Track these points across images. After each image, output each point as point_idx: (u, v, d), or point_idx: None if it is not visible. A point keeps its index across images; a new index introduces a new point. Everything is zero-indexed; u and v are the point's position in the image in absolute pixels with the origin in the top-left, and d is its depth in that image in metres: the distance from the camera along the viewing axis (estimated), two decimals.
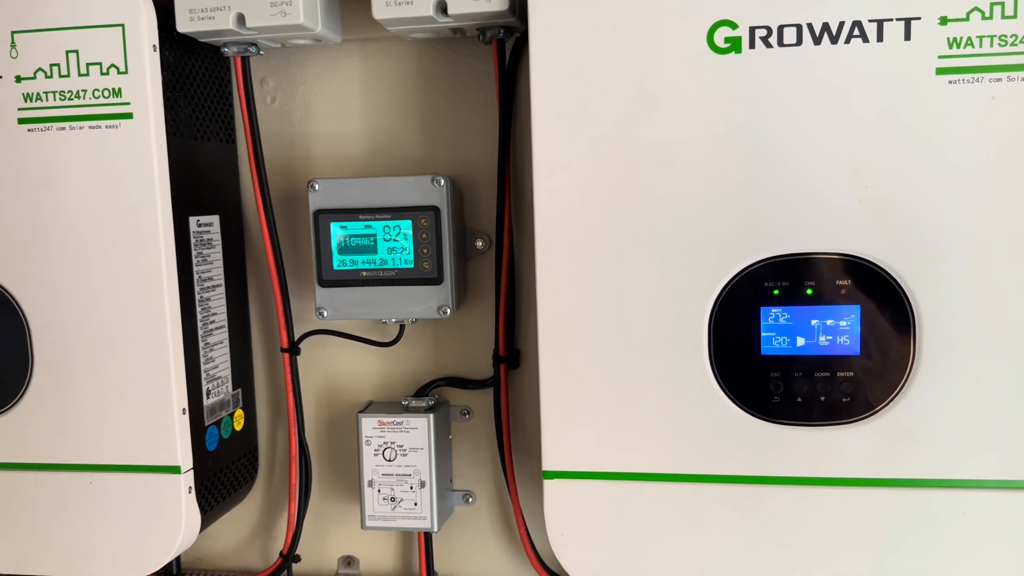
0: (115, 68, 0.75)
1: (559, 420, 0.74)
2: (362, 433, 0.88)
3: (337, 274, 0.85)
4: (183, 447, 0.79)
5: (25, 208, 0.78)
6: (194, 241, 0.83)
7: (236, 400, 0.91)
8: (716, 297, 0.69)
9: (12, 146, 0.77)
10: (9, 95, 0.77)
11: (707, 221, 0.69)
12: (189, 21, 0.77)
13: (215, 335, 0.86)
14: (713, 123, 0.68)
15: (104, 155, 0.76)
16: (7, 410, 0.81)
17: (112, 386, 0.79)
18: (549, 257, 0.72)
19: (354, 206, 0.84)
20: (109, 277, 0.77)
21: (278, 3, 0.75)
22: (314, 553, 0.97)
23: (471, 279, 0.91)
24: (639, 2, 0.68)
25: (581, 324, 0.72)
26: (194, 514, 0.81)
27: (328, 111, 0.91)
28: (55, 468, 0.81)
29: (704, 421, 0.71)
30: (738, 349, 0.70)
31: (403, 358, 0.93)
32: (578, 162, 0.71)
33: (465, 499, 0.93)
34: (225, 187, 0.90)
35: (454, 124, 0.89)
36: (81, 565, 0.83)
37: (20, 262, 0.79)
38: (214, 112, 0.88)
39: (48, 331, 0.79)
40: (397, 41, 0.88)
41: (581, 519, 0.74)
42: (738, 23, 0.67)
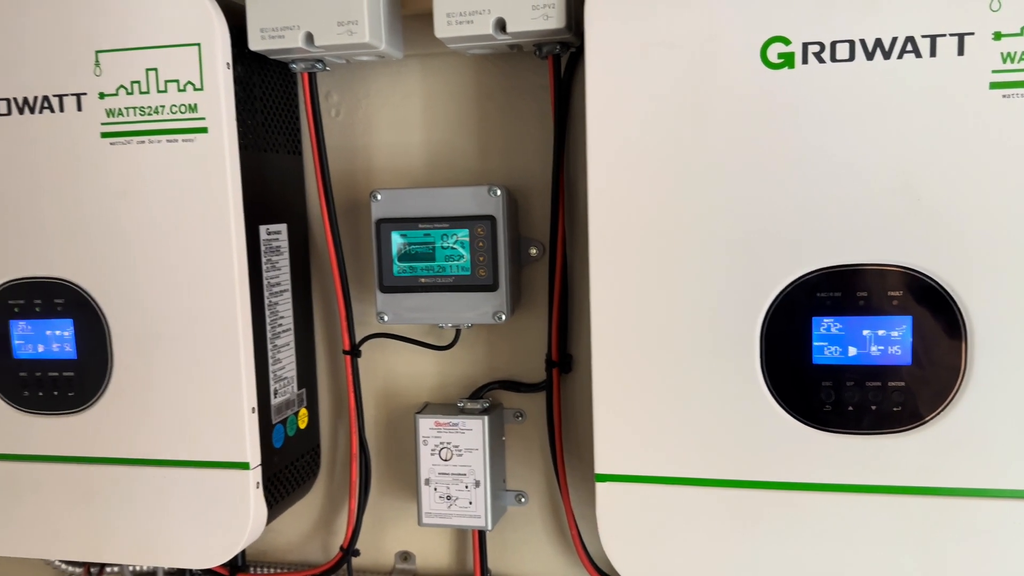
0: (191, 85, 0.79)
1: (611, 424, 0.76)
2: (419, 433, 0.91)
3: (397, 280, 0.88)
4: (252, 444, 0.83)
5: (107, 216, 0.83)
6: (264, 248, 0.87)
7: (301, 399, 0.95)
8: (768, 306, 0.71)
9: (95, 159, 0.82)
10: (93, 111, 0.82)
11: (760, 232, 0.70)
12: (260, 40, 0.81)
13: (282, 337, 0.90)
14: (766, 137, 0.69)
15: (181, 167, 0.80)
16: (88, 407, 0.86)
17: (186, 385, 0.83)
18: (602, 265, 0.74)
19: (414, 215, 0.87)
20: (185, 282, 0.81)
21: (345, 22, 0.79)
22: (372, 548, 1.01)
23: (524, 286, 0.93)
24: (693, 19, 0.70)
25: (634, 330, 0.74)
26: (261, 508, 0.85)
27: (389, 124, 0.94)
28: (132, 462, 0.85)
29: (755, 428, 0.72)
30: (790, 358, 0.72)
31: (459, 361, 0.96)
32: (632, 173, 0.73)
33: (518, 499, 0.96)
34: (291, 197, 0.94)
35: (509, 136, 0.92)
36: (155, 554, 0.87)
37: (102, 267, 0.83)
38: (281, 125, 0.92)
39: (127, 333, 0.84)
40: (455, 57, 0.91)
41: (633, 521, 0.76)
42: (791, 39, 0.69)
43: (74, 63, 0.81)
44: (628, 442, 0.75)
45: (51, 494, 0.88)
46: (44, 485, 0.88)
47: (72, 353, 0.86)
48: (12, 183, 0.84)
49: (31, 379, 0.87)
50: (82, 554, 0.90)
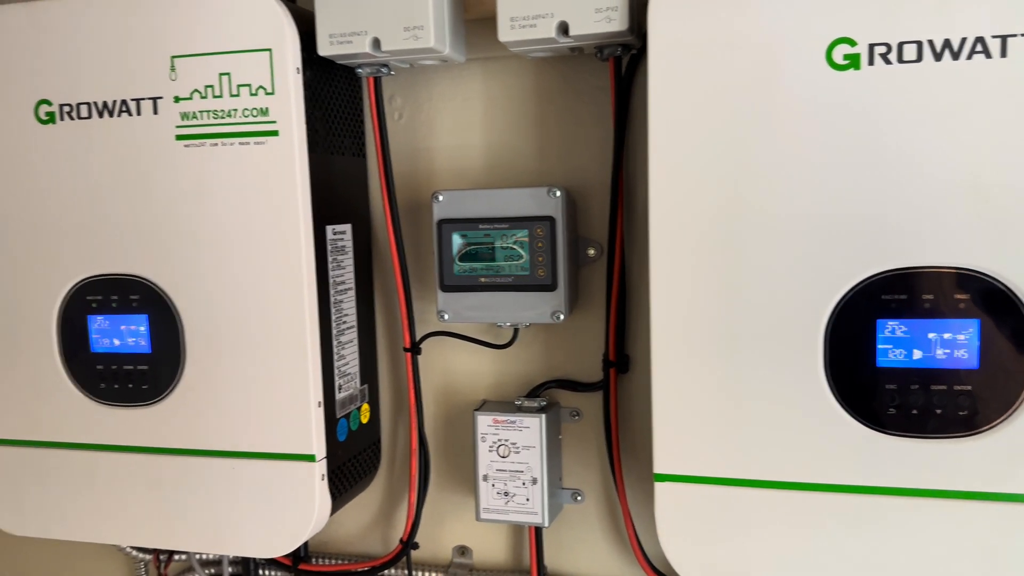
0: (263, 89, 0.82)
1: (671, 424, 0.76)
2: (478, 430, 0.92)
3: (458, 280, 0.89)
4: (318, 437, 0.85)
5: (181, 216, 0.86)
6: (330, 248, 0.89)
7: (363, 395, 0.97)
8: (833, 308, 0.71)
9: (170, 160, 0.85)
10: (168, 114, 0.85)
11: (825, 234, 0.70)
12: (329, 45, 0.83)
13: (346, 334, 0.93)
14: (832, 138, 0.69)
15: (252, 169, 0.83)
16: (161, 399, 0.89)
17: (255, 379, 0.85)
18: (663, 265, 0.75)
19: (474, 216, 0.88)
20: (255, 280, 0.84)
21: (411, 27, 0.81)
22: (430, 541, 1.02)
23: (582, 286, 0.94)
24: (756, 21, 0.70)
25: (694, 330, 0.74)
26: (326, 500, 0.87)
27: (450, 126, 0.96)
28: (202, 454, 0.89)
29: (818, 430, 0.72)
30: (854, 360, 0.71)
31: (516, 360, 0.98)
32: (694, 173, 0.73)
33: (574, 497, 0.97)
34: (355, 198, 0.96)
35: (567, 137, 0.93)
36: (223, 544, 0.90)
37: (176, 265, 0.87)
38: (346, 128, 0.94)
39: (199, 329, 0.87)
40: (516, 60, 0.93)
41: (691, 521, 0.77)
42: (857, 40, 0.68)
43: (151, 68, 0.84)
44: (687, 442, 0.76)
45: (124, 483, 0.92)
46: (118, 474, 0.92)
47: (147, 347, 0.89)
48: (91, 183, 0.88)
49: (107, 372, 0.91)
50: (153, 541, 0.93)
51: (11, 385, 0.94)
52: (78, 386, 0.92)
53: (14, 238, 0.91)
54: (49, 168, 0.89)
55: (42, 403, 0.93)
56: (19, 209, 0.90)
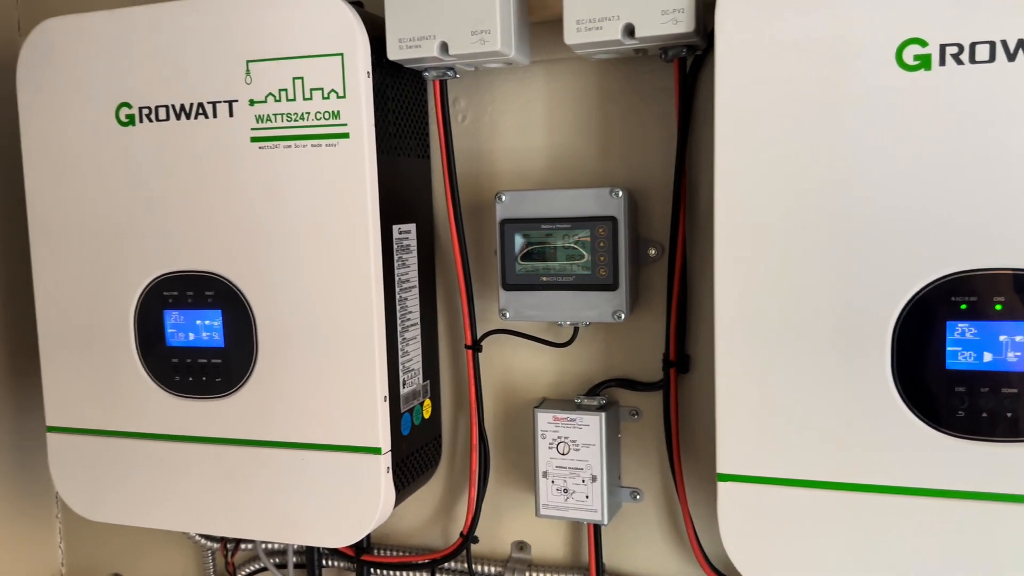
0: (335, 93, 0.84)
1: (734, 424, 0.77)
2: (538, 427, 0.94)
3: (519, 278, 0.91)
4: (384, 430, 0.88)
5: (254, 215, 0.89)
6: (396, 247, 0.91)
7: (425, 391, 0.99)
8: (901, 310, 0.70)
9: (245, 162, 0.88)
10: (244, 117, 0.88)
11: (893, 235, 0.70)
12: (398, 49, 0.86)
13: (410, 331, 0.95)
14: (901, 139, 0.69)
15: (323, 170, 0.85)
16: (234, 392, 0.92)
17: (324, 374, 0.88)
18: (728, 265, 0.75)
19: (537, 216, 0.90)
20: (325, 277, 0.87)
21: (478, 31, 0.83)
22: (490, 536, 1.04)
23: (642, 286, 0.95)
24: (826, 22, 0.70)
25: (759, 330, 0.75)
26: (390, 492, 0.90)
27: (513, 128, 0.98)
28: (272, 445, 0.91)
29: (885, 432, 0.72)
30: (922, 362, 0.71)
31: (576, 359, 0.99)
32: (761, 173, 0.73)
33: (633, 496, 0.97)
34: (420, 198, 0.99)
35: (629, 138, 0.94)
36: (290, 533, 0.93)
37: (249, 262, 0.90)
38: (412, 130, 0.96)
39: (271, 324, 0.90)
40: (579, 61, 0.94)
41: (755, 522, 0.77)
42: (928, 41, 0.68)
43: (227, 72, 0.88)
44: (751, 442, 0.76)
45: (197, 473, 0.95)
46: (190, 464, 0.95)
47: (220, 342, 0.92)
48: (169, 183, 0.91)
49: (182, 365, 0.94)
50: (222, 529, 0.96)
51: (90, 377, 0.98)
52: (154, 379, 0.96)
53: (95, 235, 0.95)
54: (129, 168, 0.93)
55: (119, 395, 0.97)
56: (100, 208, 0.94)
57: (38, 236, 0.97)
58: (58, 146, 0.95)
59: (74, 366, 0.98)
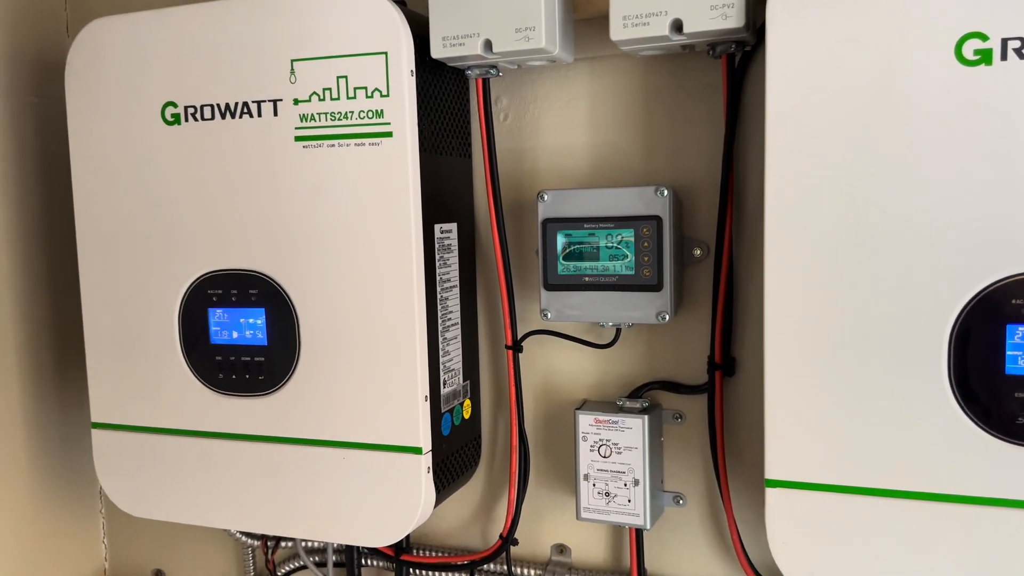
0: (378, 92, 0.84)
1: (784, 429, 0.75)
2: (579, 429, 0.93)
3: (561, 279, 0.90)
4: (424, 430, 0.87)
5: (298, 214, 0.89)
6: (437, 246, 0.91)
7: (465, 391, 0.99)
8: (958, 312, 0.68)
9: (289, 161, 0.88)
10: (288, 116, 0.88)
11: (951, 236, 0.68)
12: (442, 48, 0.85)
13: (451, 331, 0.94)
14: (961, 136, 0.67)
15: (367, 169, 0.85)
16: (276, 390, 0.93)
17: (366, 373, 0.88)
18: (778, 266, 0.74)
19: (579, 215, 0.89)
20: (367, 276, 0.87)
21: (522, 29, 0.82)
22: (529, 538, 1.03)
23: (687, 286, 0.94)
24: (882, 16, 0.68)
25: (810, 333, 0.73)
26: (431, 492, 0.89)
27: (556, 126, 0.97)
28: (313, 443, 0.91)
29: (940, 439, 0.70)
30: (980, 366, 0.68)
31: (617, 360, 0.98)
32: (814, 172, 0.71)
33: (676, 500, 0.96)
34: (461, 197, 0.98)
35: (675, 136, 0.92)
36: (330, 531, 0.93)
37: (293, 261, 0.90)
38: (454, 129, 0.96)
39: (314, 322, 0.90)
40: (624, 58, 0.93)
41: (804, 529, 0.75)
42: (989, 35, 0.66)
43: (272, 71, 0.88)
44: (801, 448, 0.74)
45: (238, 470, 0.95)
46: (232, 461, 0.95)
47: (263, 340, 0.93)
48: (213, 182, 0.92)
49: (226, 363, 0.95)
50: (264, 527, 0.96)
51: (135, 374, 0.99)
52: (197, 376, 0.96)
53: (140, 234, 0.96)
54: (173, 167, 0.94)
55: (163, 392, 0.98)
56: (146, 206, 0.95)
57: (85, 234, 0.99)
58: (105, 145, 0.96)
59: (119, 363, 0.99)
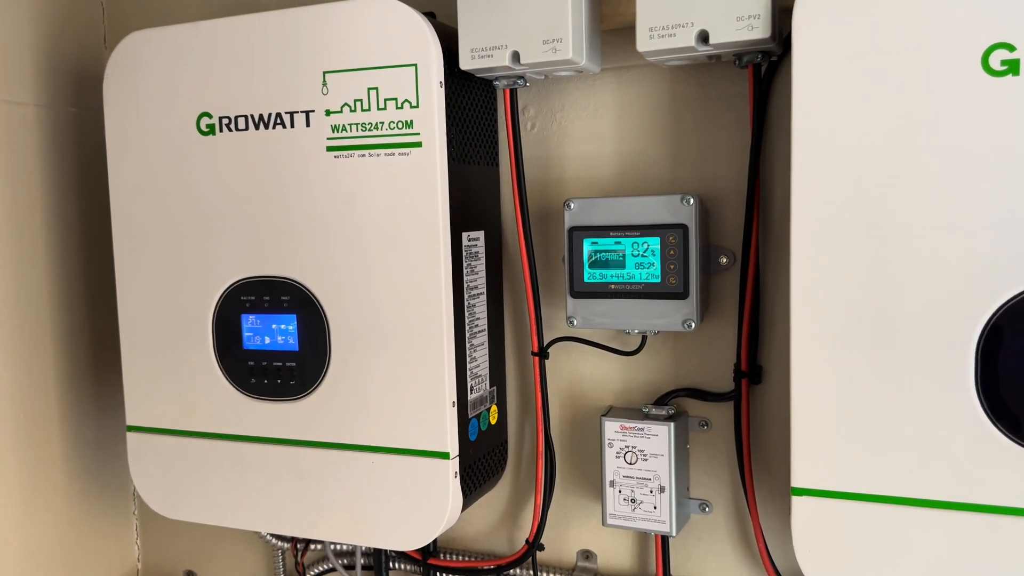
0: (408, 103, 0.86)
1: (810, 437, 0.75)
2: (605, 435, 0.93)
3: (588, 286, 0.91)
4: (452, 436, 0.88)
5: (330, 223, 0.90)
6: (465, 254, 0.92)
7: (492, 397, 1.00)
8: (987, 321, 0.68)
9: (321, 171, 0.90)
10: (320, 127, 0.90)
11: (978, 245, 0.68)
12: (471, 59, 0.87)
13: (478, 337, 0.96)
14: (987, 146, 0.67)
15: (397, 179, 0.87)
16: (307, 395, 0.94)
17: (395, 378, 0.89)
18: (804, 274, 0.74)
19: (606, 223, 0.89)
20: (397, 283, 0.88)
21: (550, 40, 0.83)
22: (555, 544, 1.04)
23: (713, 294, 0.94)
24: (908, 27, 0.69)
25: (837, 342, 0.73)
26: (458, 497, 0.90)
27: (582, 135, 0.98)
28: (343, 447, 0.93)
29: (968, 448, 0.69)
30: (1007, 376, 0.68)
31: (643, 368, 0.98)
32: (839, 182, 0.72)
33: (702, 508, 0.96)
34: (488, 205, 0.99)
35: (701, 144, 0.93)
36: (359, 535, 0.94)
37: (324, 268, 0.91)
38: (482, 138, 0.97)
39: (344, 329, 0.91)
40: (651, 68, 0.93)
41: (830, 538, 0.75)
42: (1016, 45, 0.66)
43: (304, 83, 0.90)
44: (827, 456, 0.74)
45: (270, 473, 0.97)
46: (264, 465, 0.97)
47: (294, 345, 0.95)
48: (247, 191, 0.94)
49: (258, 368, 0.97)
50: (294, 530, 0.98)
51: (169, 378, 1.01)
52: (230, 380, 0.98)
53: (176, 241, 0.98)
54: (208, 176, 0.96)
55: (197, 396, 1.00)
56: (181, 214, 0.98)
57: (122, 241, 1.01)
58: (141, 154, 0.99)
59: (154, 368, 1.02)
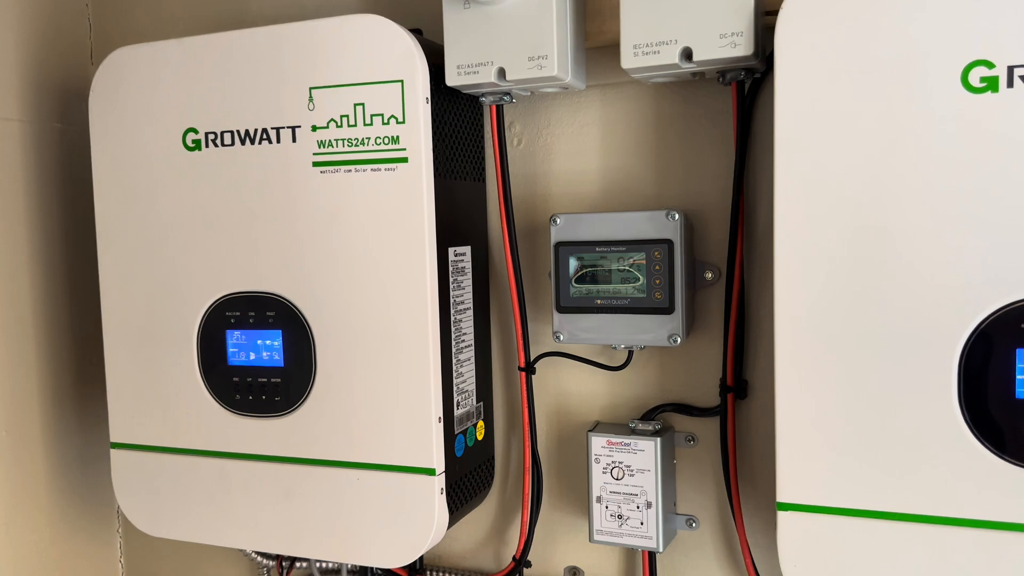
0: (394, 118, 0.86)
1: (795, 452, 0.75)
2: (591, 451, 0.93)
3: (574, 301, 0.91)
4: (438, 452, 0.88)
5: (316, 238, 0.90)
6: (451, 269, 0.92)
7: (479, 412, 1.00)
8: (968, 336, 0.69)
9: (307, 186, 0.90)
10: (306, 142, 0.90)
11: (960, 260, 0.68)
12: (457, 76, 0.87)
13: (464, 353, 0.95)
14: (968, 162, 0.68)
15: (383, 194, 0.87)
16: (292, 411, 0.94)
17: (381, 394, 0.89)
18: (788, 289, 0.74)
19: (591, 239, 0.90)
20: (383, 298, 0.88)
21: (535, 57, 0.84)
22: (542, 560, 1.03)
23: (698, 310, 0.94)
24: (888, 44, 0.69)
25: (820, 356, 0.73)
26: (444, 513, 0.90)
27: (568, 152, 0.98)
28: (328, 464, 0.92)
29: (951, 463, 0.70)
30: (990, 391, 0.69)
31: (630, 383, 0.98)
32: (822, 198, 0.72)
33: (689, 524, 0.96)
34: (475, 221, 1.00)
35: (686, 161, 0.94)
36: (345, 552, 0.94)
37: (310, 284, 0.91)
38: (468, 154, 0.97)
39: (329, 344, 0.91)
40: (635, 85, 0.94)
41: (816, 553, 0.75)
42: (995, 63, 0.67)
43: (291, 99, 0.90)
44: (812, 471, 0.75)
45: (255, 490, 0.96)
46: (249, 482, 0.96)
47: (280, 361, 0.94)
48: (233, 206, 0.94)
49: (243, 384, 0.96)
50: (279, 547, 0.97)
51: (154, 394, 1.01)
52: (215, 397, 0.98)
53: (161, 257, 0.98)
54: (194, 192, 0.96)
55: (181, 412, 0.99)
56: (167, 230, 0.97)
57: (107, 257, 1.01)
58: (127, 170, 0.99)
59: (138, 384, 1.01)
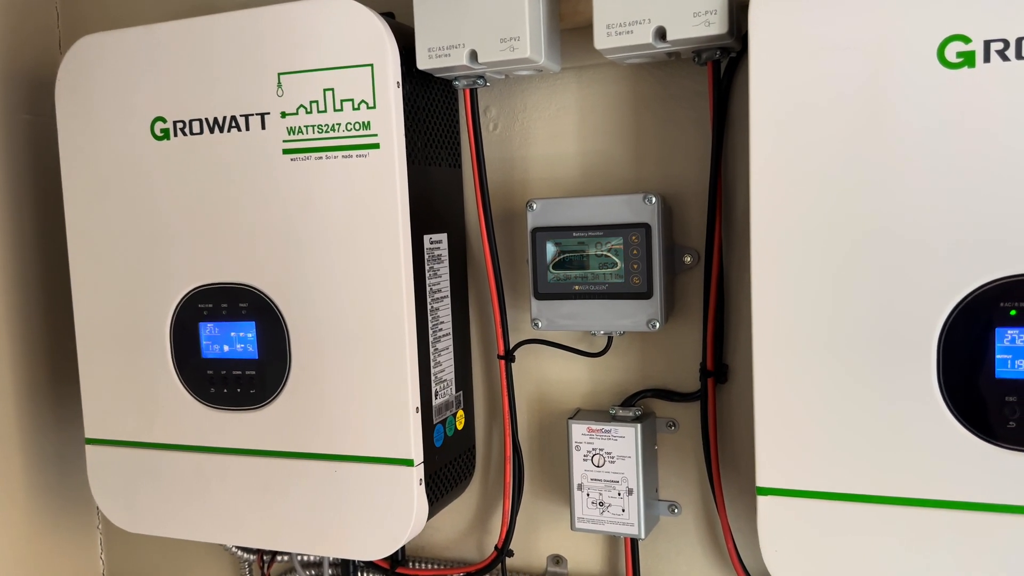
0: (365, 103, 0.84)
1: (774, 436, 0.74)
2: (572, 438, 0.92)
3: (552, 287, 0.90)
4: (416, 442, 0.87)
5: (287, 227, 0.89)
6: (427, 257, 0.91)
7: (458, 401, 0.98)
8: (947, 316, 0.68)
9: (277, 173, 0.88)
10: (276, 129, 0.88)
11: (938, 239, 0.67)
12: (428, 59, 0.85)
13: (442, 341, 0.94)
14: (945, 139, 0.67)
15: (354, 181, 0.85)
16: (268, 403, 0.92)
17: (357, 385, 0.88)
18: (766, 271, 0.73)
19: (568, 224, 0.88)
20: (357, 288, 0.86)
21: (507, 39, 0.82)
22: (525, 549, 1.03)
23: (678, 294, 0.93)
24: (863, 21, 0.68)
25: (798, 339, 0.72)
26: (423, 504, 0.89)
27: (545, 136, 0.97)
28: (305, 456, 0.91)
29: (931, 444, 0.69)
30: (970, 371, 0.68)
31: (610, 369, 0.97)
32: (798, 178, 0.71)
33: (671, 509, 0.95)
34: (451, 207, 0.98)
35: (664, 143, 0.92)
36: (324, 545, 0.92)
37: (282, 275, 0.90)
38: (443, 139, 0.96)
39: (304, 335, 0.90)
40: (612, 67, 0.93)
41: (796, 537, 0.75)
42: (971, 37, 0.66)
43: (259, 85, 0.88)
44: (791, 455, 0.74)
45: (233, 484, 0.95)
46: (226, 476, 0.95)
47: (254, 353, 0.93)
48: (203, 196, 0.92)
49: (217, 377, 0.95)
50: (259, 541, 0.96)
51: (127, 389, 0.99)
52: (189, 391, 0.96)
53: (132, 248, 0.96)
54: (164, 182, 0.94)
55: (156, 407, 0.98)
56: (137, 221, 0.95)
57: (76, 249, 0.99)
58: (95, 160, 0.97)
59: (112, 379, 0.99)
